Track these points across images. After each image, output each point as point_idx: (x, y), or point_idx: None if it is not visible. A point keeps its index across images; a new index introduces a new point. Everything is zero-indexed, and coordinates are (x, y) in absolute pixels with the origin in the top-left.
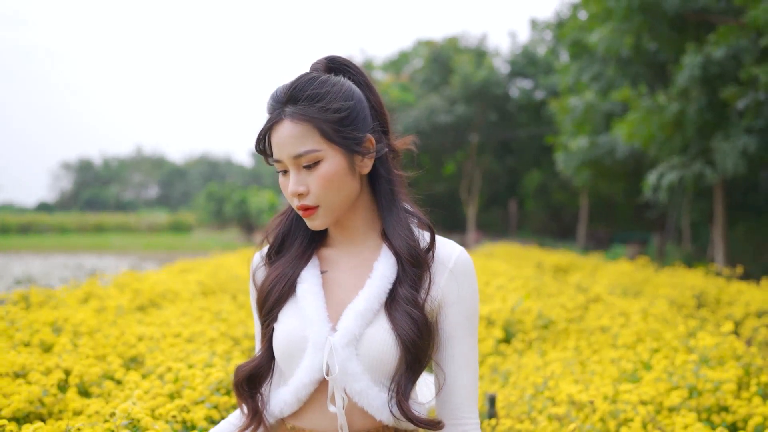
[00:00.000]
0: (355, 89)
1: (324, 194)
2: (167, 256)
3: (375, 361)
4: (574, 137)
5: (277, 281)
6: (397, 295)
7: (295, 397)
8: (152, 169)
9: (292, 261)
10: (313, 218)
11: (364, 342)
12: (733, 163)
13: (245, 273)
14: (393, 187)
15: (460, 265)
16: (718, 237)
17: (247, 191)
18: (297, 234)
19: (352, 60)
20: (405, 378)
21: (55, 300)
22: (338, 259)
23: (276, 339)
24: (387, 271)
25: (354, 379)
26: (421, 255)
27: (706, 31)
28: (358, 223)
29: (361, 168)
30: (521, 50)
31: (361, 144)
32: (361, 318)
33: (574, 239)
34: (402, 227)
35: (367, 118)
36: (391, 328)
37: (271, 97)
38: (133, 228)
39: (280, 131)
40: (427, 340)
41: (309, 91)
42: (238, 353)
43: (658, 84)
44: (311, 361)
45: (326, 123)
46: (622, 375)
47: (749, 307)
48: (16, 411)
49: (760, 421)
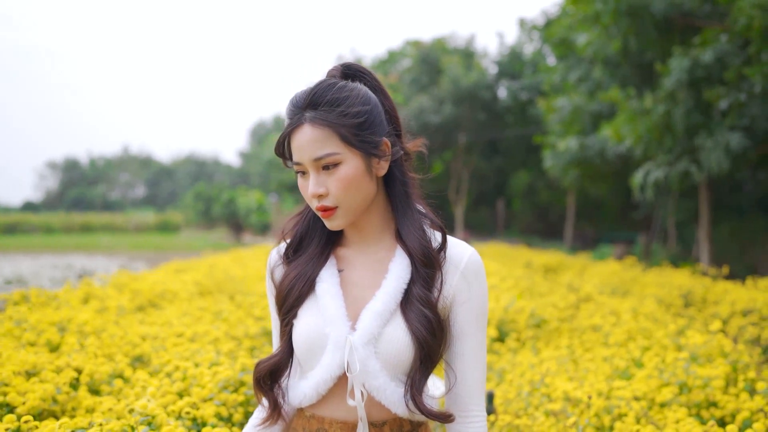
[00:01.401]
0: (371, 94)
1: (343, 196)
2: (156, 256)
3: (392, 359)
4: (562, 137)
5: (297, 280)
6: (411, 295)
7: (315, 390)
8: (139, 168)
9: (310, 260)
10: (333, 219)
11: (382, 341)
12: (717, 160)
13: (240, 273)
14: (407, 189)
15: (471, 265)
16: (703, 237)
17: (235, 191)
18: (314, 234)
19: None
20: (419, 374)
21: (58, 301)
22: (354, 259)
23: (296, 335)
24: (402, 272)
25: (372, 376)
26: (433, 255)
27: (691, 35)
28: (373, 224)
29: (378, 170)
30: (509, 51)
31: (378, 147)
32: (379, 318)
33: (561, 239)
34: (416, 228)
35: (383, 122)
36: (406, 327)
37: (291, 102)
38: (120, 228)
39: (300, 135)
40: (440, 338)
41: (328, 96)
42: (243, 352)
43: (645, 86)
44: (332, 359)
45: (345, 127)
46: (614, 372)
47: (735, 306)
48: (31, 408)
49: (748, 416)
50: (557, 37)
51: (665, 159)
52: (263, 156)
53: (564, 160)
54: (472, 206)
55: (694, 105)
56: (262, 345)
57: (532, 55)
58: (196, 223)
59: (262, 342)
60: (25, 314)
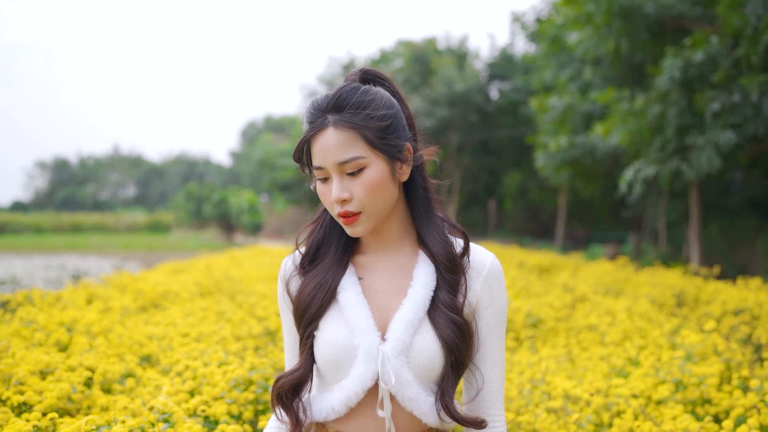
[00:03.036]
0: (394, 100)
1: (368, 200)
2: (149, 256)
3: (424, 368)
4: (554, 137)
5: (317, 290)
6: (438, 301)
7: (344, 404)
8: (129, 168)
9: (329, 269)
10: (356, 225)
11: (413, 350)
12: (708, 158)
13: (238, 274)
14: (429, 195)
15: (493, 271)
16: (693, 237)
17: (227, 191)
18: (331, 241)
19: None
20: (449, 381)
21: (63, 301)
22: (373, 266)
23: (320, 347)
24: (427, 278)
25: (405, 386)
26: (457, 261)
27: (682, 37)
28: (392, 230)
29: (401, 175)
30: (500, 52)
31: (402, 152)
32: (410, 326)
33: (552, 239)
34: (439, 234)
35: (405, 127)
36: (436, 335)
37: (312, 105)
38: (110, 228)
39: (323, 139)
40: (470, 343)
41: (353, 99)
42: (250, 352)
43: (636, 87)
44: (364, 370)
45: (371, 130)
46: (611, 371)
47: (726, 306)
48: (47, 407)
49: (741, 412)
50: (548, 36)
51: (656, 157)
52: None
53: (556, 159)
54: (463, 206)
55: (687, 105)
56: (265, 345)
57: (523, 57)
58: (186, 223)
59: (266, 342)
60: (33, 315)
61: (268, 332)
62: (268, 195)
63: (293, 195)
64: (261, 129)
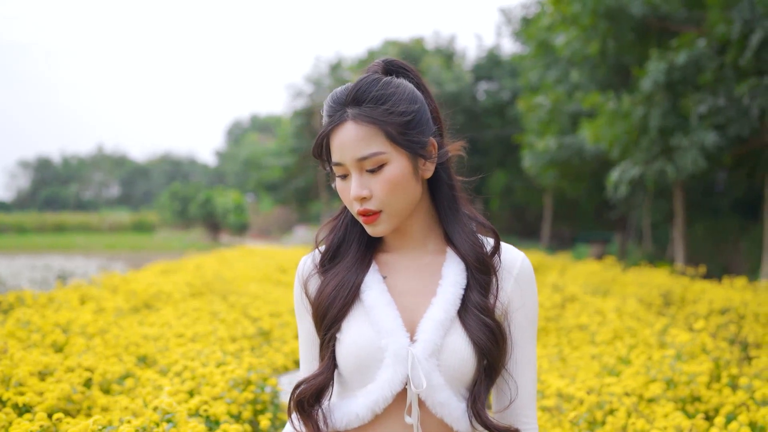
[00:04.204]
0: (418, 92)
1: (388, 198)
2: (134, 256)
3: (455, 372)
4: (541, 137)
5: (339, 289)
6: (468, 302)
7: (370, 410)
8: (113, 167)
9: (351, 267)
10: (376, 224)
11: (445, 352)
12: (693, 159)
13: (229, 274)
14: (455, 192)
15: (524, 271)
16: (678, 237)
17: (212, 191)
18: (352, 239)
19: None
20: (482, 386)
21: (57, 302)
22: (397, 264)
23: (344, 350)
24: (458, 277)
25: (436, 390)
26: (488, 260)
27: (668, 38)
28: (416, 229)
29: (424, 172)
30: (487, 53)
31: (425, 148)
32: (441, 327)
33: (538, 238)
34: (467, 232)
35: (429, 121)
36: (467, 337)
37: (331, 98)
38: (94, 228)
39: (342, 133)
40: (503, 347)
41: (374, 92)
42: (247, 352)
43: (622, 88)
44: (392, 374)
45: (392, 125)
46: (603, 369)
47: (713, 305)
48: (48, 408)
49: (731, 410)
50: (535, 39)
51: (642, 158)
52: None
53: (543, 160)
54: None
55: (671, 107)
56: (260, 345)
57: (510, 57)
58: (172, 223)
59: (260, 342)
60: (29, 316)
61: (262, 332)
62: (254, 195)
63: (279, 195)
64: (247, 128)
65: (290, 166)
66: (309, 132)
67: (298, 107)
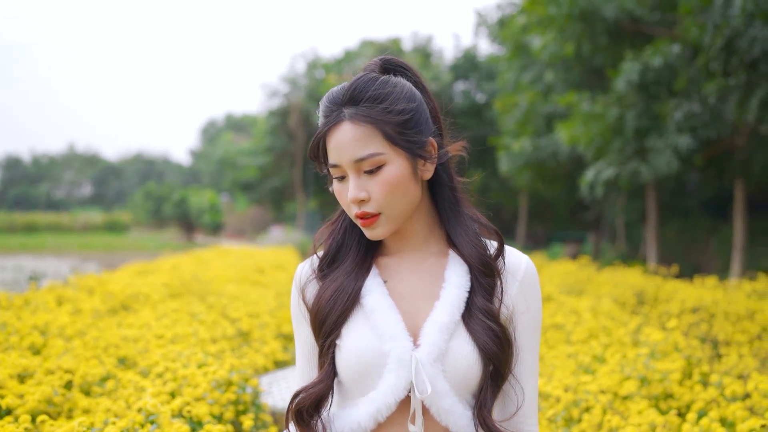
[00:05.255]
0: (416, 91)
1: (387, 201)
2: (108, 256)
3: (461, 378)
4: (517, 138)
5: (339, 294)
6: (473, 306)
7: (373, 419)
8: (85, 166)
9: (351, 272)
10: (374, 227)
11: (449, 357)
12: (667, 161)
13: (206, 275)
14: (456, 194)
15: (529, 275)
16: (650, 236)
17: (187, 190)
18: (351, 243)
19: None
20: (488, 393)
21: (34, 304)
22: (398, 268)
23: (344, 356)
24: (461, 279)
25: (441, 397)
26: (492, 263)
27: (641, 41)
28: (417, 230)
29: (423, 173)
30: (464, 53)
31: (424, 148)
32: (445, 331)
33: (514, 238)
34: (470, 234)
35: (429, 121)
36: (472, 342)
37: (327, 98)
38: (66, 228)
39: (339, 134)
40: (509, 352)
41: (371, 91)
42: (229, 353)
43: (596, 90)
44: (395, 380)
45: (389, 125)
46: (579, 368)
47: (685, 304)
48: (29, 411)
49: (702, 406)
50: (511, 40)
51: (616, 159)
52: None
53: (519, 161)
54: None
55: (644, 108)
56: (239, 346)
57: (487, 58)
58: (145, 223)
59: (239, 343)
60: (6, 318)
61: (241, 333)
62: (228, 194)
63: (255, 194)
64: (221, 128)
65: (266, 165)
66: (284, 131)
67: (273, 107)
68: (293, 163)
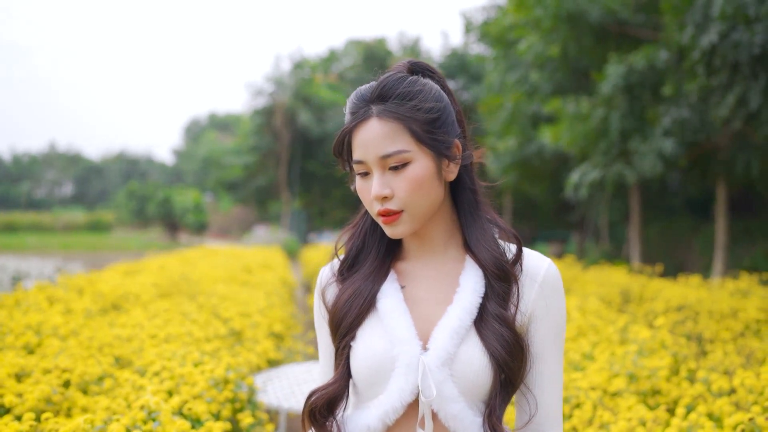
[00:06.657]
0: (443, 93)
1: (410, 198)
2: (91, 256)
3: (470, 383)
4: (502, 138)
5: (355, 297)
6: (486, 312)
7: (381, 421)
8: (67, 165)
9: (369, 275)
10: (396, 225)
11: (459, 362)
12: (651, 164)
13: (195, 275)
14: (477, 197)
15: (550, 278)
16: (634, 236)
17: (171, 190)
18: (371, 247)
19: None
20: (498, 400)
21: (26, 304)
22: (416, 273)
23: (357, 359)
24: (476, 285)
25: (449, 402)
26: (508, 268)
27: (626, 43)
28: (437, 234)
29: (447, 174)
30: (451, 52)
31: (450, 148)
32: (455, 335)
33: None
34: (486, 239)
35: (455, 122)
36: (483, 347)
37: (355, 95)
38: (47, 227)
39: (366, 130)
40: (520, 360)
41: (400, 89)
42: (224, 352)
43: (582, 91)
44: (403, 383)
45: (417, 123)
46: (569, 365)
47: (670, 303)
48: (28, 410)
49: (689, 401)
50: (497, 39)
51: (601, 161)
52: (198, 154)
53: (505, 161)
54: None
55: (629, 110)
56: (232, 345)
57: (474, 58)
58: (129, 222)
59: (232, 342)
60: (1, 318)
61: (234, 333)
62: (213, 194)
63: (239, 194)
64: (205, 127)
65: (250, 165)
66: (270, 131)
67: (258, 106)
68: (278, 162)
